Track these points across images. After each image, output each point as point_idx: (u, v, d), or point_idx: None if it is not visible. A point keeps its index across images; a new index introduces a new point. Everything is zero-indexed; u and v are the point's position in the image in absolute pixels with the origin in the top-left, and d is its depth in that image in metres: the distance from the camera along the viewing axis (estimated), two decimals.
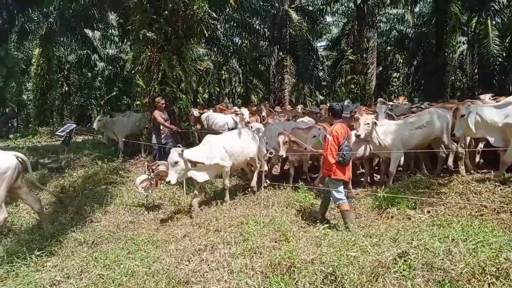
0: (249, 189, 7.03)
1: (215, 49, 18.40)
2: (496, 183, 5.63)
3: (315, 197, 6.42)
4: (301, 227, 5.10)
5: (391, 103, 13.54)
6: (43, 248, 4.99)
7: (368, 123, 6.56)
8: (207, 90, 30.88)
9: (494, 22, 17.84)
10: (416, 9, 22.23)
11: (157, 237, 5.18)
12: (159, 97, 8.34)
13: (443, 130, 6.93)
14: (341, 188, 5.04)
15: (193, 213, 5.98)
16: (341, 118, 5.26)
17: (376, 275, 3.36)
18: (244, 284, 3.62)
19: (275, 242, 4.38)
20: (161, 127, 8.11)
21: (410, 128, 6.95)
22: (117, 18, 17.82)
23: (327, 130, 5.49)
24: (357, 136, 6.55)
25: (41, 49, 19.35)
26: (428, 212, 5.14)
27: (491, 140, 5.80)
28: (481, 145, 7.17)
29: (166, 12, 8.95)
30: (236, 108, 12.21)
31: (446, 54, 17.58)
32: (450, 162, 7.10)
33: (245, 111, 10.38)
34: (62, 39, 18.98)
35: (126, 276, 3.89)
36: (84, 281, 3.87)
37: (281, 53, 20.95)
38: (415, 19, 22.58)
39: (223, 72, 30.01)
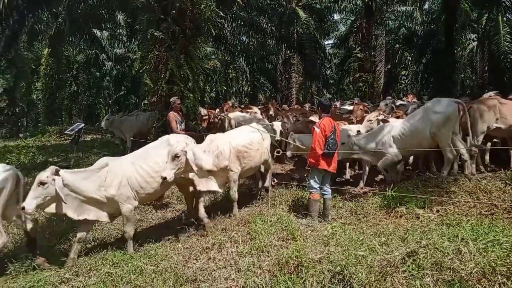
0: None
1: (222, 48, 18.40)
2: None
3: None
4: (309, 225, 5.08)
5: (399, 101, 13.43)
6: (53, 246, 5.06)
7: (370, 120, 6.53)
8: (214, 89, 30.90)
9: (505, 19, 17.55)
10: (425, 6, 22.01)
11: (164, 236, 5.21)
12: (174, 97, 7.94)
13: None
14: (319, 178, 5.40)
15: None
16: (329, 113, 5.64)
17: (385, 275, 3.34)
18: (251, 282, 3.62)
19: (283, 241, 4.37)
20: (179, 128, 7.60)
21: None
22: (125, 18, 17.88)
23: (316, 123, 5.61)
24: (358, 132, 6.54)
25: (50, 49, 19.56)
26: (437, 211, 5.08)
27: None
28: (489, 144, 7.10)
29: (174, 12, 8.95)
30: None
31: (455, 51, 17.39)
32: (455, 164, 7.03)
33: (256, 109, 10.35)
34: (70, 39, 19.14)
35: (134, 274, 3.92)
36: (93, 279, 3.91)
37: (288, 52, 20.89)
38: (424, 17, 22.35)
39: (230, 71, 30.04)
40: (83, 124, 11.61)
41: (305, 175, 7.57)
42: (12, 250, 5.12)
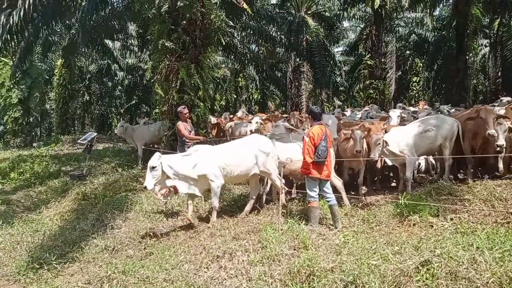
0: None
1: (232, 56, 18.55)
2: None
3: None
4: (320, 234, 5.03)
5: (411, 108, 13.30)
6: (65, 254, 5.10)
7: (378, 143, 6.47)
8: (224, 97, 31.09)
9: None
10: (436, 13, 21.91)
11: (175, 244, 5.22)
12: (181, 106, 7.92)
13: (447, 136, 6.87)
14: (315, 187, 5.35)
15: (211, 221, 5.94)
16: (320, 121, 5.58)
17: (398, 284, 3.29)
18: None
19: (294, 249, 4.33)
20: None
21: (419, 132, 6.88)
22: (137, 29, 18.19)
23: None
24: (371, 158, 6.48)
25: (63, 60, 19.92)
26: (451, 219, 4.99)
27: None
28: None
29: (184, 22, 9.08)
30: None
31: (467, 57, 17.19)
32: (446, 173, 6.97)
33: (256, 119, 10.24)
34: (83, 50, 19.53)
35: (145, 283, 3.93)
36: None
37: (298, 59, 20.94)
38: (434, 23, 22.25)
39: (240, 79, 30.20)
40: (95, 133, 11.79)
41: None
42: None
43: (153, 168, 5.36)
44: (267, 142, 6.37)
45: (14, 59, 16.06)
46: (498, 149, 6.23)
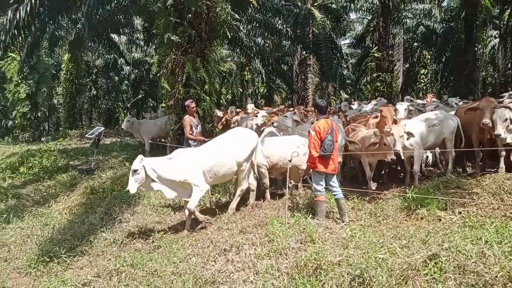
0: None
1: (238, 50, 18.45)
2: None
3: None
4: (327, 228, 5.03)
5: (419, 101, 13.16)
6: (74, 248, 5.17)
7: (401, 136, 6.40)
8: (230, 91, 31.03)
9: None
10: (444, 3, 21.58)
11: (183, 237, 5.25)
12: (189, 100, 7.79)
13: (451, 131, 6.93)
14: (322, 181, 5.33)
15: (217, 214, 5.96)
16: (326, 114, 5.58)
17: (406, 278, 3.28)
18: (270, 285, 3.62)
19: (301, 243, 4.34)
20: (195, 132, 7.55)
21: (428, 125, 6.89)
22: (142, 23, 18.20)
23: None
24: (396, 151, 6.40)
25: (70, 55, 20.01)
26: (460, 213, 4.96)
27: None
28: None
29: (190, 16, 9.06)
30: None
31: (476, 49, 16.95)
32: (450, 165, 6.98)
33: (262, 112, 10.23)
34: (90, 45, 19.57)
35: (154, 276, 3.97)
36: (114, 280, 3.97)
37: (304, 52, 20.79)
38: (443, 14, 21.90)
39: (246, 72, 30.09)
40: (103, 128, 11.88)
41: None
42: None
43: (135, 171, 5.17)
44: (251, 135, 6.26)
45: (21, 54, 16.14)
46: (504, 139, 6.14)
